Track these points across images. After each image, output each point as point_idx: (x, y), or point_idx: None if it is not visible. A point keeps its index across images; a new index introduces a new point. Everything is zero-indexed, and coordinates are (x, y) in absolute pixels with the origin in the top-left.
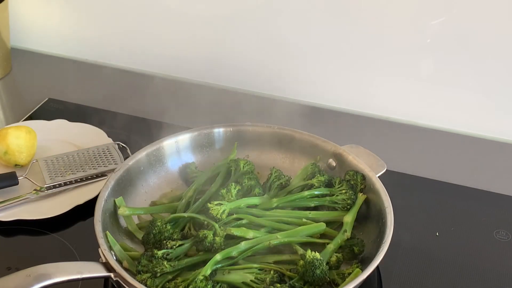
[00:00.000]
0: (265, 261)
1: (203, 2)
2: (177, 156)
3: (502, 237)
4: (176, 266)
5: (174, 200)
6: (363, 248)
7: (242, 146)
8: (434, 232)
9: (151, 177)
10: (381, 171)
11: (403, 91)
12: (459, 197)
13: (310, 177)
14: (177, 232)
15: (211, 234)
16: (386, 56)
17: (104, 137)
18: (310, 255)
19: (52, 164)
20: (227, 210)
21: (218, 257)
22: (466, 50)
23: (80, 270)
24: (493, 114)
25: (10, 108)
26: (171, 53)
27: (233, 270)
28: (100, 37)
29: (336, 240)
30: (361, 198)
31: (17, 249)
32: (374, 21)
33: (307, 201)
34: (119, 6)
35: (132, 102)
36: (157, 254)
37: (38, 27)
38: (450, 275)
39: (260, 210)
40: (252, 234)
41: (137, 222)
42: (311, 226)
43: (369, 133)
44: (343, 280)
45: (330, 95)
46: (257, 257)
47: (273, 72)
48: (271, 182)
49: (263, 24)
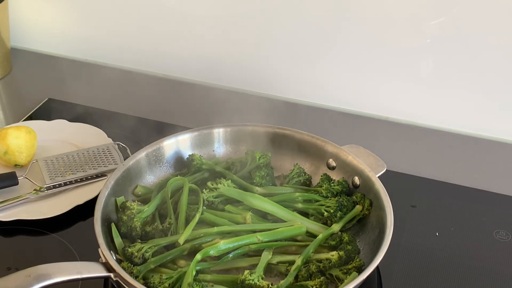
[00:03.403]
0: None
1: (204, 2)
2: (177, 156)
3: (502, 237)
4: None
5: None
6: (357, 248)
7: (242, 146)
8: (434, 232)
9: (151, 177)
10: (381, 171)
11: (403, 91)
12: (459, 197)
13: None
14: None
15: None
16: (386, 56)
17: (104, 137)
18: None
19: (52, 164)
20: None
21: (199, 257)
22: (466, 50)
23: (80, 270)
24: (493, 114)
25: (10, 108)
26: (171, 53)
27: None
28: (100, 37)
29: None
30: (356, 209)
31: (17, 249)
32: (374, 21)
33: (296, 201)
34: (119, 6)
35: (132, 102)
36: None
37: (38, 27)
38: (450, 275)
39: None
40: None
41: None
42: (292, 228)
43: (369, 133)
44: (347, 275)
45: (330, 95)
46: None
47: (273, 72)
48: (290, 178)
49: (263, 24)
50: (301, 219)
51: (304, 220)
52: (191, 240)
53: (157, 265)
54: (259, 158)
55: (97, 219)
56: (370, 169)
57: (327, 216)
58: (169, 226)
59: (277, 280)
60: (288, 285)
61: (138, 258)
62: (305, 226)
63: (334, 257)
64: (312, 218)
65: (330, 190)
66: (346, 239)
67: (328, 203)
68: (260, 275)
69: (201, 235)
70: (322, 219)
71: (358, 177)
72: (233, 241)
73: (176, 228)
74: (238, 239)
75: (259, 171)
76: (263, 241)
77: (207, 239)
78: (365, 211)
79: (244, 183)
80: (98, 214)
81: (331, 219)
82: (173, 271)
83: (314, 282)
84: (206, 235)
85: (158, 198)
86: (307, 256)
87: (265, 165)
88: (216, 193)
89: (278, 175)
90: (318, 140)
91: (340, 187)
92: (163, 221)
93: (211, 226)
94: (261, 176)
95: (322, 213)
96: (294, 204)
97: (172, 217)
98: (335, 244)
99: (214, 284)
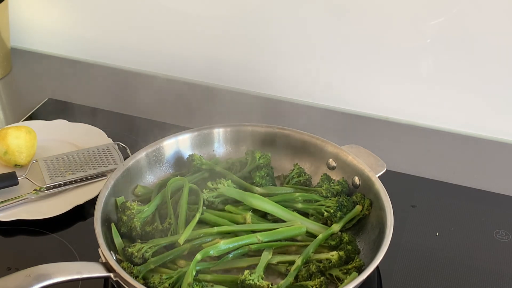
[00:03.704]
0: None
1: (204, 2)
2: (177, 156)
3: (502, 237)
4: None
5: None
6: (357, 248)
7: (241, 146)
8: (434, 232)
9: (151, 177)
10: (381, 171)
11: (403, 91)
12: (459, 197)
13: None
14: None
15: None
16: (386, 56)
17: (104, 137)
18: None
19: (52, 164)
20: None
21: (199, 257)
22: (466, 50)
23: (80, 270)
24: (493, 114)
25: (10, 108)
26: (171, 53)
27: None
28: (100, 37)
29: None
30: (356, 209)
31: (17, 249)
32: (374, 21)
33: (296, 201)
34: (119, 6)
35: (132, 102)
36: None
37: (38, 27)
38: (450, 275)
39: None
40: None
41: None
42: (292, 228)
43: (369, 133)
44: (347, 275)
45: (330, 95)
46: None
47: (273, 72)
48: (290, 178)
49: (263, 24)
50: (301, 219)
51: (304, 220)
52: (191, 240)
53: (157, 265)
54: (259, 158)
55: (97, 219)
56: (370, 169)
57: (327, 216)
58: (169, 226)
59: (277, 280)
60: (288, 285)
61: (138, 258)
62: (305, 226)
63: (334, 257)
64: (312, 218)
65: (330, 190)
66: (346, 239)
67: (328, 203)
68: (260, 275)
69: (201, 235)
70: (322, 219)
71: (358, 177)
72: (233, 241)
73: (176, 228)
74: (238, 239)
75: (259, 171)
76: (263, 241)
77: (207, 239)
78: (365, 211)
79: (244, 183)
80: (98, 214)
81: (331, 219)
82: (173, 271)
83: (314, 282)
84: (206, 235)
85: (158, 198)
86: (307, 256)
87: (265, 165)
88: (216, 193)
89: (278, 175)
90: (318, 140)
91: (340, 187)
92: (163, 221)
93: (211, 226)
94: (261, 176)
95: (322, 213)
96: (294, 204)
97: (172, 217)
98: (335, 244)
99: (214, 284)
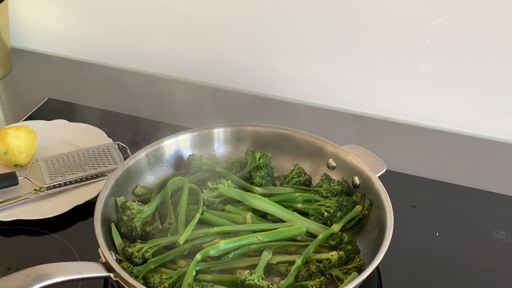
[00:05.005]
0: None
1: (204, 2)
2: (177, 156)
3: (502, 237)
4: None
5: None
6: (357, 248)
7: (242, 146)
8: (434, 232)
9: (151, 177)
10: (381, 171)
11: (403, 91)
12: (459, 197)
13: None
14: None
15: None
16: (386, 56)
17: (104, 137)
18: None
19: (52, 164)
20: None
21: (199, 257)
22: (466, 50)
23: (80, 270)
24: (493, 114)
25: (10, 108)
26: (171, 53)
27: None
28: (100, 37)
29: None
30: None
31: (17, 249)
32: (374, 21)
33: (296, 201)
34: (119, 6)
35: (132, 102)
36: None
37: (38, 27)
38: (450, 275)
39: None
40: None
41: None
42: (292, 228)
43: (369, 133)
44: (347, 275)
45: (330, 95)
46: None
47: (273, 72)
48: (290, 178)
49: (263, 24)
50: (301, 219)
51: (304, 220)
52: (191, 240)
53: (157, 265)
54: (259, 158)
55: (97, 219)
56: (370, 169)
57: (327, 216)
58: (169, 226)
59: (277, 280)
60: (288, 285)
61: (138, 258)
62: (305, 226)
63: (334, 257)
64: (312, 218)
65: (330, 190)
66: (346, 239)
67: (328, 203)
68: (260, 275)
69: (201, 235)
70: (322, 219)
71: (358, 177)
72: (233, 241)
73: (176, 228)
74: (238, 239)
75: (259, 171)
76: (263, 241)
77: (207, 239)
78: (365, 211)
79: (244, 183)
80: (98, 214)
81: (331, 219)
82: (173, 271)
83: (314, 282)
84: (206, 235)
85: (158, 198)
86: (307, 256)
87: (265, 165)
88: (216, 193)
89: (278, 175)
90: (318, 140)
91: (340, 187)
92: (163, 221)
93: (211, 226)
94: (261, 176)
95: (322, 213)
96: (294, 204)
97: (172, 217)
98: (335, 244)
99: (214, 284)
